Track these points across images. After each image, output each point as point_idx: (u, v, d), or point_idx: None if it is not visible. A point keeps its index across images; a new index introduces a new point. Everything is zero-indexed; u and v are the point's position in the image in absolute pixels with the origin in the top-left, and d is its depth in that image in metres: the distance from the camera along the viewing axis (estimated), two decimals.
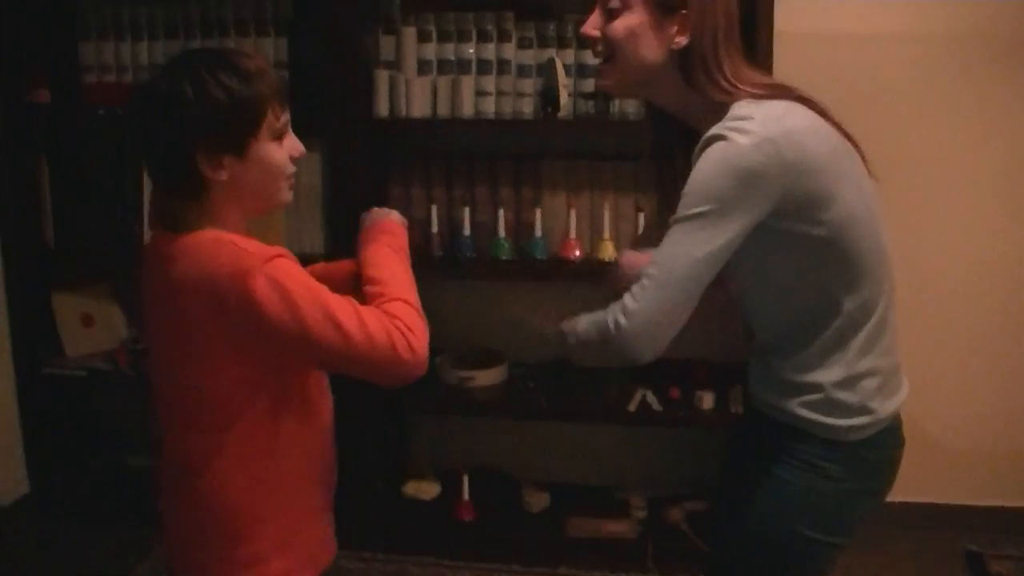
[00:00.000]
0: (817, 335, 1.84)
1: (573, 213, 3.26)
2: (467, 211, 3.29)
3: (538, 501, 3.49)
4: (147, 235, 3.25)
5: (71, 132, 3.55)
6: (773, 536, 1.90)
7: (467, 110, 3.22)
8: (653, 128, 2.05)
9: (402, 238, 1.99)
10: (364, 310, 1.70)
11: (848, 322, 1.83)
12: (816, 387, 1.85)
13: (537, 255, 3.28)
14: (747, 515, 1.93)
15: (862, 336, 1.84)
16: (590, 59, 3.16)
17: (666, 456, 3.56)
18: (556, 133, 3.31)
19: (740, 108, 1.76)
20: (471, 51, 3.22)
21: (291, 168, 1.79)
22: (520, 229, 3.32)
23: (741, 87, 1.80)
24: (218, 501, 1.77)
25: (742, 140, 1.69)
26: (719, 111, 1.79)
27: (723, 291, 1.89)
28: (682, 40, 1.80)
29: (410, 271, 1.89)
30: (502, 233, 3.29)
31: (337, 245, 3.13)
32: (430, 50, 3.23)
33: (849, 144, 1.83)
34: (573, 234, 3.27)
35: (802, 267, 1.80)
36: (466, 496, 3.44)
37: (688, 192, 1.72)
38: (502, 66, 3.22)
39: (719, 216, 1.70)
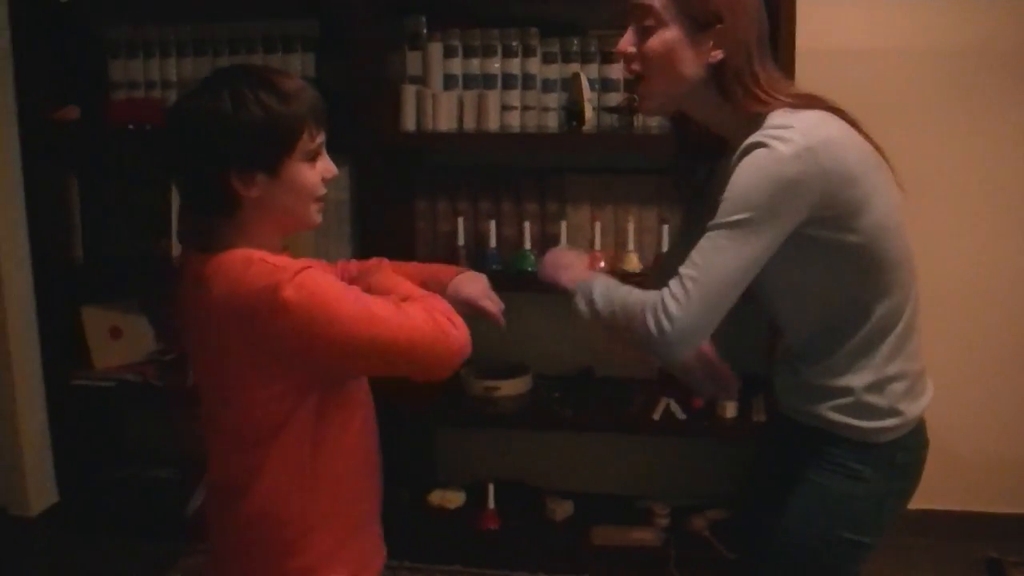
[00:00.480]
0: (847, 340, 1.88)
1: (598, 226, 3.29)
2: (493, 224, 3.33)
3: (562, 510, 3.51)
4: (176, 252, 3.31)
5: (99, 149, 3.61)
6: (811, 540, 1.94)
7: (492, 124, 3.26)
8: (677, 141, 2.08)
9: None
10: (399, 305, 1.74)
11: (877, 327, 1.87)
12: (846, 391, 1.89)
13: None
14: (783, 520, 1.96)
15: (891, 341, 1.88)
16: (614, 74, 3.24)
17: (689, 465, 3.59)
18: (580, 147, 3.34)
19: (777, 117, 1.80)
20: (496, 66, 3.27)
21: (322, 190, 1.80)
22: (545, 242, 3.34)
23: (777, 97, 1.84)
24: (265, 516, 1.79)
25: (782, 148, 1.73)
26: (754, 122, 1.82)
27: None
28: (718, 55, 1.83)
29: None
30: (528, 245, 3.32)
31: (362, 256, 3.17)
32: (456, 65, 3.27)
33: (879, 155, 1.87)
34: (598, 246, 3.30)
35: (834, 274, 1.84)
36: (491, 505, 3.46)
37: (728, 199, 1.76)
38: (527, 81, 3.27)
39: (759, 223, 1.74)
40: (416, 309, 1.73)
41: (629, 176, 3.32)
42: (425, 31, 3.29)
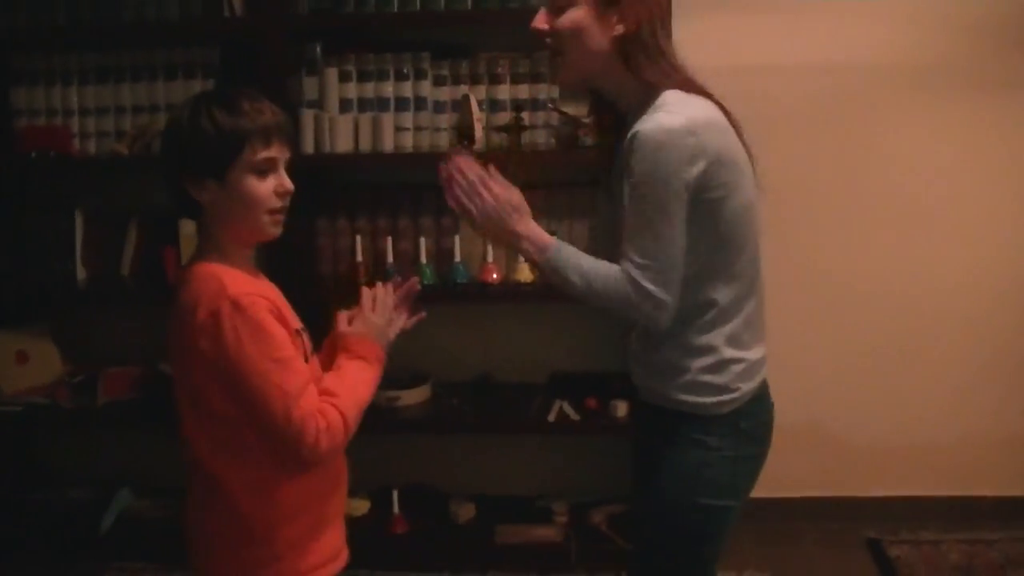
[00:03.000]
0: (691, 323, 2.03)
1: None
2: (390, 240, 3.43)
3: (465, 512, 3.61)
4: (80, 277, 3.34)
5: (4, 175, 3.64)
6: (673, 510, 2.09)
7: (387, 145, 3.37)
8: (596, 115, 2.27)
9: (380, 362, 2.04)
10: (306, 389, 1.82)
11: (719, 313, 2.03)
12: (686, 371, 2.05)
13: (458, 279, 3.42)
14: (649, 498, 2.13)
15: (731, 328, 2.05)
16: (502, 95, 3.37)
17: (585, 463, 3.72)
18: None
19: (670, 97, 1.97)
20: (390, 89, 3.38)
21: (274, 203, 1.89)
22: (441, 255, 3.47)
23: (675, 75, 2.01)
24: (234, 512, 1.90)
25: (675, 126, 1.89)
26: (650, 95, 1.98)
27: None
28: (621, 28, 1.99)
29: (372, 385, 2.00)
30: (423, 259, 3.42)
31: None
32: (351, 89, 3.38)
33: (747, 154, 2.05)
34: (491, 258, 3.43)
35: (690, 251, 1.97)
36: (396, 511, 3.55)
37: (640, 182, 1.91)
38: (419, 103, 3.39)
39: (674, 197, 1.91)
40: (306, 405, 1.80)
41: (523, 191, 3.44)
42: (321, 57, 3.38)
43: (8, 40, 3.54)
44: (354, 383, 1.95)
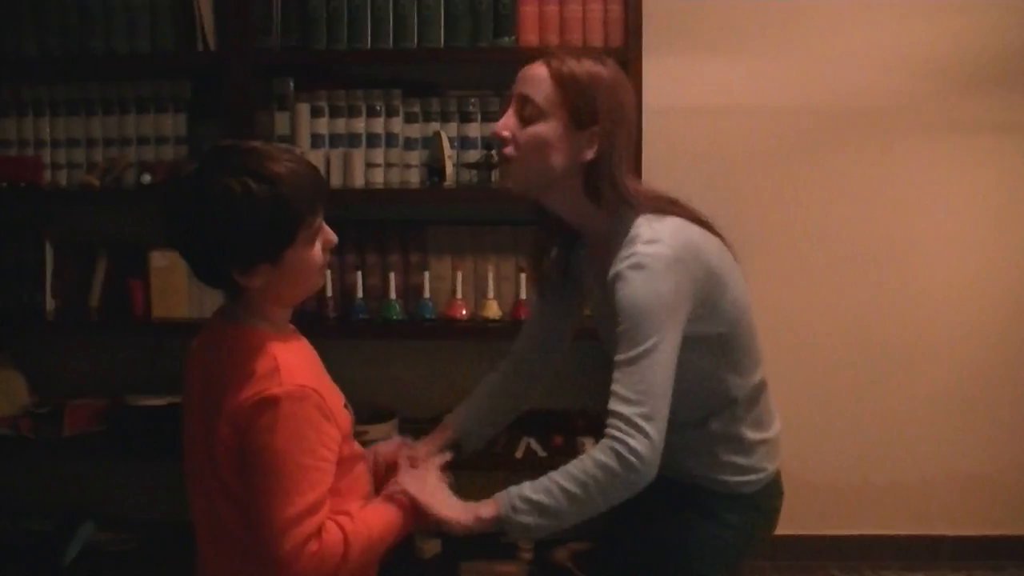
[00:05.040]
0: (714, 417, 2.03)
1: (459, 275, 3.43)
2: (359, 275, 3.44)
3: (430, 548, 3.60)
4: (50, 307, 3.33)
5: None
6: (671, 572, 2.08)
7: (358, 181, 3.39)
8: (539, 227, 2.17)
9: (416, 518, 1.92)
10: (317, 506, 1.70)
11: (741, 406, 2.04)
12: (712, 453, 2.05)
13: (426, 315, 3.43)
14: (650, 555, 2.10)
15: (753, 415, 2.06)
16: (472, 132, 3.39)
17: None
18: (442, 201, 3.46)
19: (644, 228, 1.90)
20: (361, 126, 3.40)
21: (325, 260, 1.82)
22: (409, 291, 3.47)
23: (642, 200, 1.95)
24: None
25: (657, 266, 1.84)
26: (618, 221, 1.94)
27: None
28: (590, 153, 1.93)
29: (396, 534, 1.87)
30: (393, 296, 3.43)
31: None
32: (323, 125, 3.40)
33: (726, 245, 2.02)
34: (459, 295, 3.44)
35: (700, 365, 1.97)
36: None
37: (630, 328, 1.85)
38: (390, 139, 3.41)
39: (662, 340, 1.84)
40: (313, 535, 1.69)
41: (488, 228, 3.47)
42: (292, 92, 3.41)
43: None
44: (380, 522, 1.84)
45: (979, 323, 3.75)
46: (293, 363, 1.74)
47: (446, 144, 3.33)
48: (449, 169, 3.32)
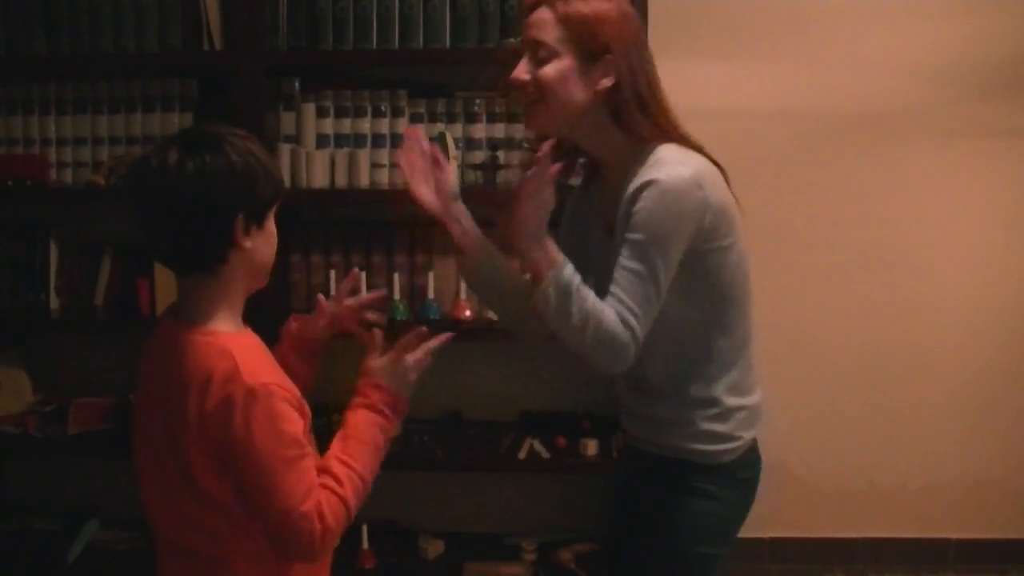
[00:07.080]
0: (692, 376, 2.05)
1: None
2: (364, 276, 3.42)
3: (434, 549, 3.61)
4: (54, 306, 3.35)
5: None
6: (670, 558, 2.10)
7: (363, 181, 3.39)
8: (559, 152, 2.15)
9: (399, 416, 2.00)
10: (311, 491, 1.74)
11: (719, 365, 2.05)
12: (691, 422, 2.06)
13: (431, 316, 3.43)
14: (648, 545, 2.12)
15: (731, 377, 2.07)
16: (477, 133, 3.39)
17: (554, 501, 3.73)
18: None
19: (670, 152, 1.96)
20: (367, 126, 3.41)
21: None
22: (414, 292, 3.48)
23: (671, 130, 2.00)
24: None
25: (678, 182, 1.90)
26: (640, 151, 1.98)
27: None
28: (607, 82, 1.97)
29: (384, 449, 1.93)
30: (397, 296, 3.44)
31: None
32: (328, 125, 3.40)
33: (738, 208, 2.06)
34: (463, 295, 3.45)
35: (690, 304, 2.00)
36: (365, 546, 3.54)
37: (642, 240, 1.90)
38: (396, 140, 3.39)
39: (667, 249, 1.91)
40: (310, 508, 1.73)
41: (492, 228, 3.44)
42: (299, 92, 3.41)
43: None
44: (366, 461, 1.89)
45: (987, 327, 3.75)
46: (251, 361, 1.75)
47: (451, 145, 3.33)
48: (454, 170, 3.31)
